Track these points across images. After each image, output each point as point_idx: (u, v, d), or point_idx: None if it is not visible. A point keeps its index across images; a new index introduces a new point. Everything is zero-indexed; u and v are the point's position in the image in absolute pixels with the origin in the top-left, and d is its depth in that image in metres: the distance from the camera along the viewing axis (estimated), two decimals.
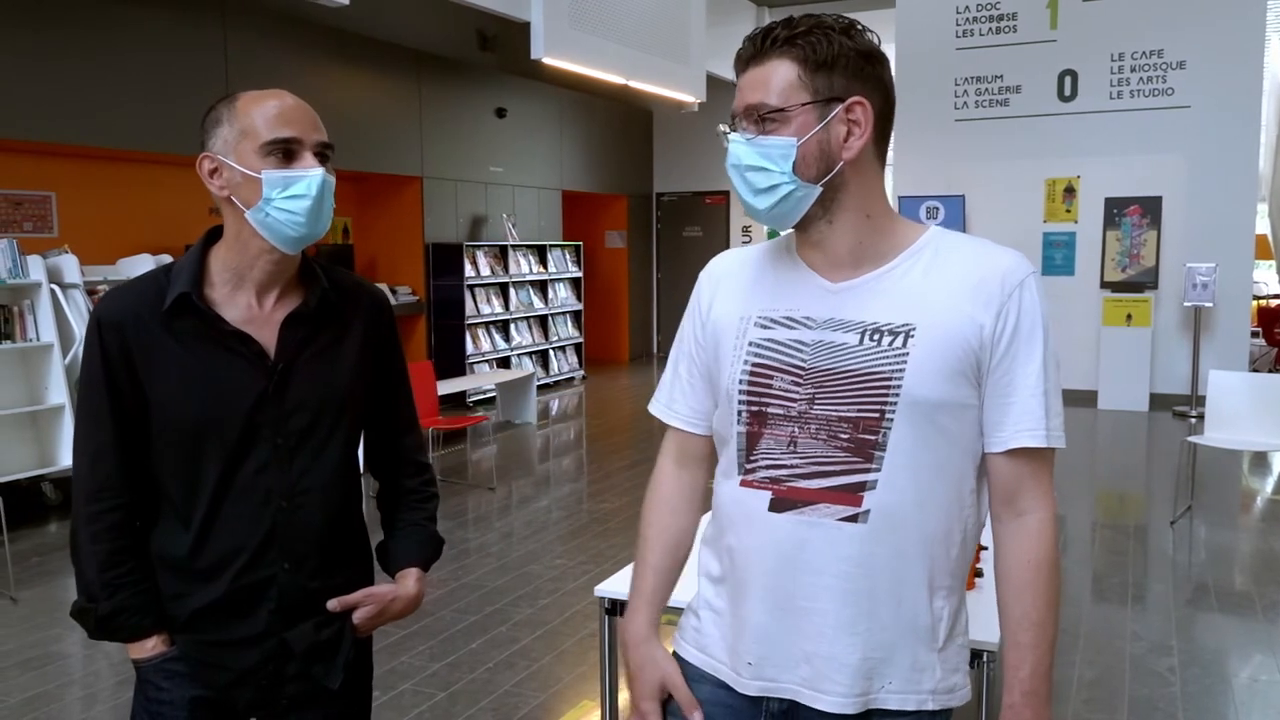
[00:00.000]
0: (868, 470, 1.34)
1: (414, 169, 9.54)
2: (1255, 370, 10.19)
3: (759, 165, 1.34)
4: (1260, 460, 7.49)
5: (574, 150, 12.16)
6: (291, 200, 1.53)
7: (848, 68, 1.33)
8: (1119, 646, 4.03)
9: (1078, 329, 10.06)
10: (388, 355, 1.76)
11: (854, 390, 1.34)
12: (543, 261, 11.26)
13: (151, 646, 1.60)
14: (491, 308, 10.36)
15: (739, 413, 1.41)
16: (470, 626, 4.30)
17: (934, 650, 1.39)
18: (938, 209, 10.40)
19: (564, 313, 11.80)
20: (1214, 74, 9.44)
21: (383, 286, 8.96)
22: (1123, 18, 9.74)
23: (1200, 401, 8.83)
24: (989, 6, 10.27)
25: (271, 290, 1.62)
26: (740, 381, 1.41)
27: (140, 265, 6.38)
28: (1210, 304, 9.33)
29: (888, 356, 1.33)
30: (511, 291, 10.67)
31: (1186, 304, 9.41)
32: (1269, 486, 7.02)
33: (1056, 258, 10.21)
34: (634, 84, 9.38)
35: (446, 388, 7.88)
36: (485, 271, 10.21)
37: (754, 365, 1.41)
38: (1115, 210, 9.80)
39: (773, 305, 1.43)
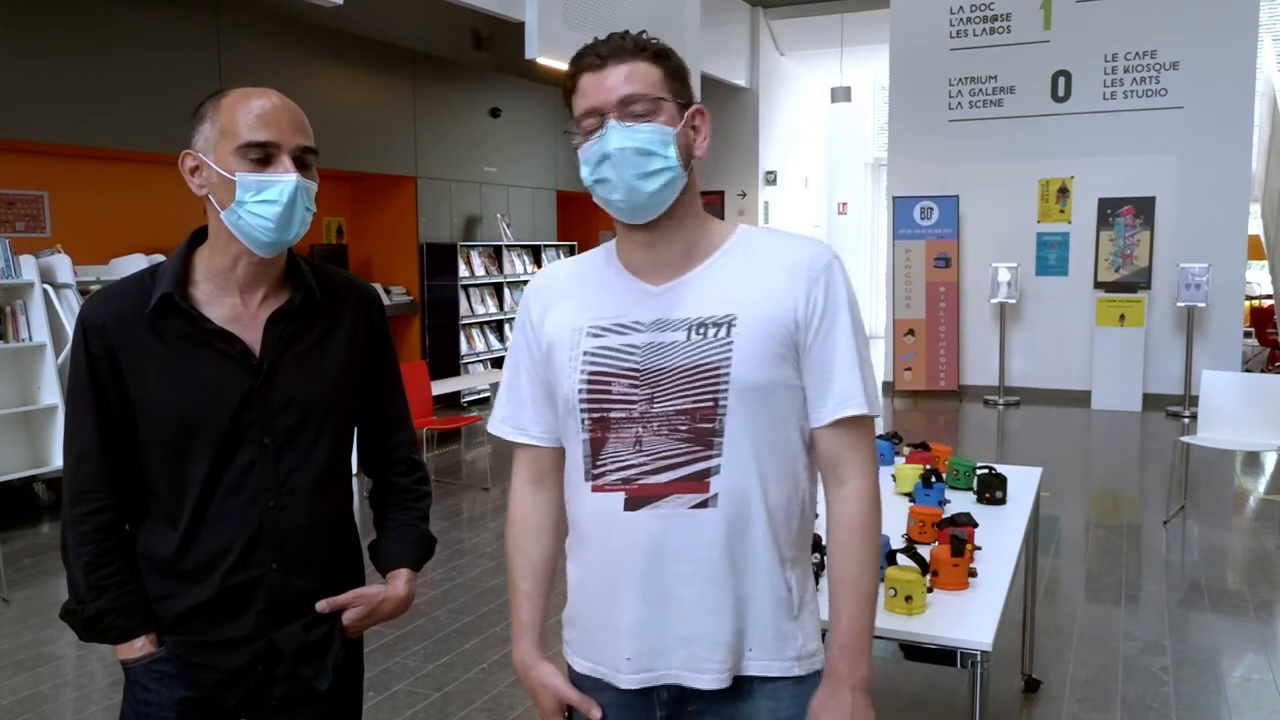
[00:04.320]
0: (710, 457, 1.42)
1: (408, 169, 9.53)
2: (1248, 370, 10.22)
3: (648, 148, 1.41)
4: (1253, 460, 7.51)
5: (568, 150, 12.00)
6: (263, 205, 1.51)
7: (688, 82, 1.48)
8: (1112, 646, 4.04)
9: (1071, 329, 10.09)
10: (378, 351, 1.75)
11: (687, 384, 1.42)
12: (537, 262, 11.25)
13: (139, 647, 1.60)
14: (486, 308, 10.35)
15: (582, 421, 1.47)
16: (464, 627, 4.30)
17: (792, 619, 1.48)
18: (931, 209, 10.42)
19: None
20: (1207, 75, 9.47)
21: (377, 287, 8.94)
22: (1116, 19, 9.77)
23: (1193, 401, 8.85)
24: (983, 7, 10.28)
25: (256, 290, 1.61)
26: (580, 391, 1.46)
27: (133, 265, 6.36)
28: (1203, 304, 9.36)
29: (714, 347, 1.42)
30: (506, 292, 10.66)
31: (1180, 304, 9.44)
32: (1262, 486, 7.04)
33: (1050, 258, 10.23)
34: None
35: (441, 388, 7.87)
36: (480, 272, 10.20)
37: (591, 374, 1.46)
38: (1109, 210, 9.82)
39: (601, 314, 1.48)
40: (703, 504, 1.41)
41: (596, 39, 1.47)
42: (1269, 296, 11.69)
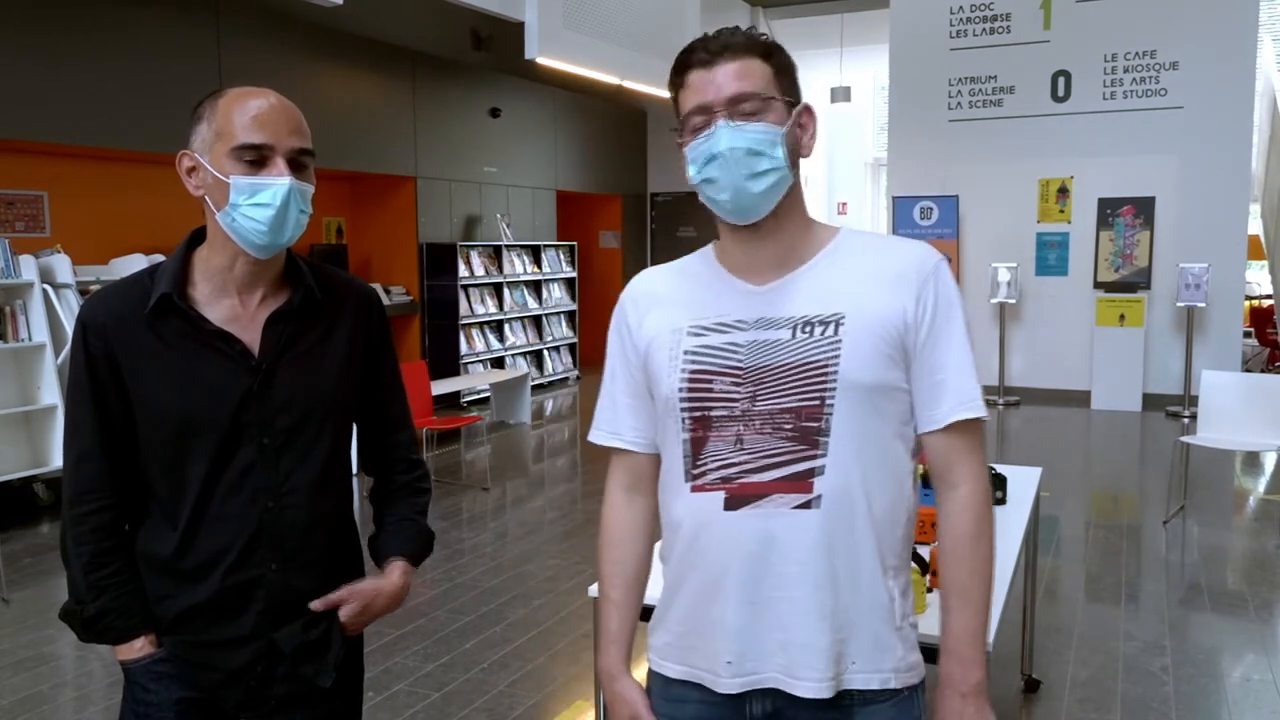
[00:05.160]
0: (814, 456, 1.38)
1: (408, 169, 9.53)
2: (1248, 370, 10.22)
3: (758, 149, 1.39)
4: (1252, 460, 7.51)
5: (568, 150, 12.15)
6: (256, 208, 1.51)
7: (796, 78, 1.45)
8: (1112, 646, 4.04)
9: (1071, 329, 10.08)
10: (378, 352, 1.75)
11: (793, 382, 1.39)
12: (537, 262, 11.25)
13: (139, 648, 1.60)
14: (486, 308, 10.35)
15: (682, 420, 1.45)
16: (464, 627, 4.30)
17: (893, 629, 1.43)
18: (931, 209, 10.41)
19: (558, 313, 11.79)
20: (1207, 75, 9.47)
21: (377, 287, 8.95)
22: (1116, 19, 9.77)
23: (1193, 401, 8.85)
24: (983, 7, 10.28)
25: (255, 290, 1.61)
26: (680, 390, 1.44)
27: (133, 265, 6.36)
28: (1203, 304, 9.36)
29: (821, 345, 1.39)
30: (506, 292, 10.66)
31: (1179, 304, 9.44)
32: (1261, 486, 7.04)
33: (1050, 258, 10.23)
34: (628, 84, 9.39)
35: (440, 388, 7.87)
36: (479, 272, 10.20)
37: (692, 372, 1.44)
38: (1109, 210, 9.82)
39: (702, 314, 1.47)
40: (805, 504, 1.38)
41: (706, 34, 1.43)
42: (1269, 296, 11.69)
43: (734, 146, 1.37)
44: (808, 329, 1.40)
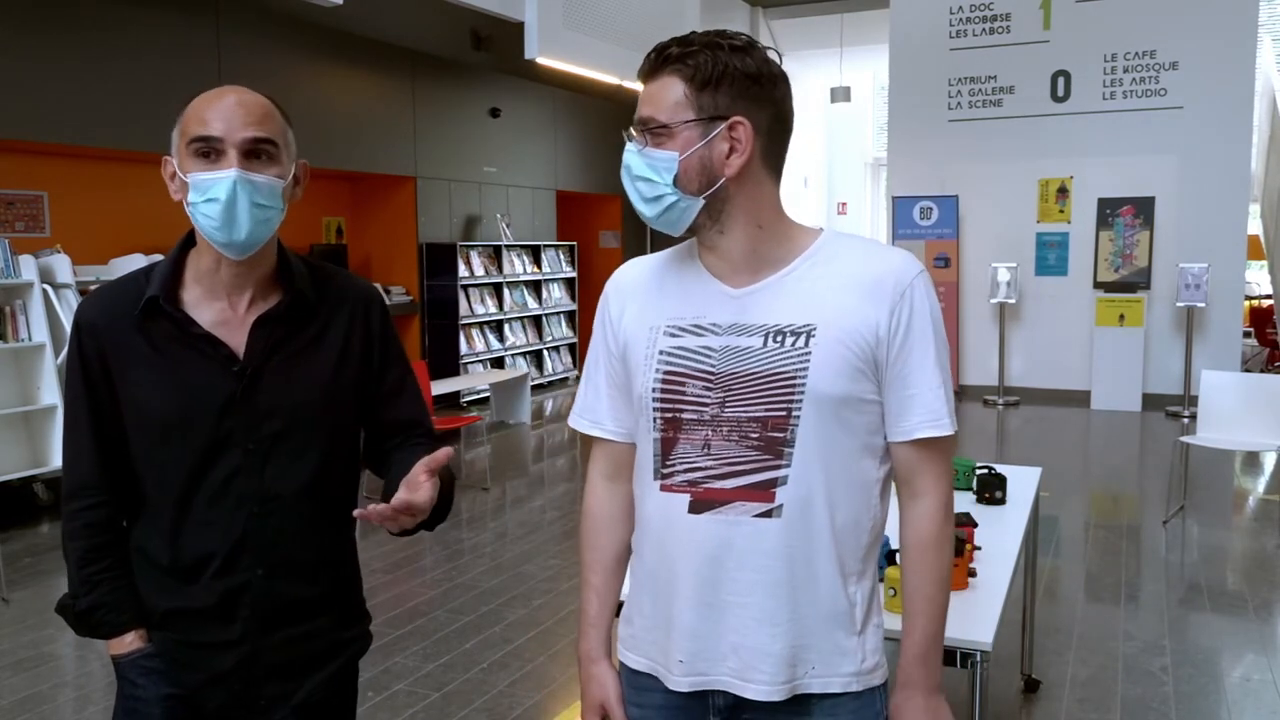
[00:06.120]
0: (778, 467, 1.40)
1: (408, 169, 9.52)
2: (1247, 370, 10.22)
3: (646, 176, 1.41)
4: (1252, 460, 7.51)
5: (568, 150, 12.15)
6: (207, 204, 1.47)
7: (732, 87, 1.38)
8: (1112, 646, 4.04)
9: (1071, 329, 10.09)
10: (381, 352, 1.68)
11: (761, 391, 1.40)
12: (537, 262, 11.25)
13: (129, 643, 1.59)
14: (485, 308, 10.35)
15: (654, 419, 1.46)
16: (464, 627, 4.30)
17: (854, 635, 1.45)
18: (931, 209, 10.42)
19: (558, 313, 11.79)
20: (1206, 75, 9.47)
21: (377, 286, 8.94)
22: (1116, 19, 9.77)
23: (1193, 401, 8.85)
24: (983, 7, 10.29)
25: (243, 292, 1.58)
26: (653, 389, 1.46)
27: (133, 265, 6.33)
28: (1203, 304, 9.37)
29: (791, 356, 1.39)
30: (505, 291, 10.66)
31: (1179, 304, 9.44)
32: (1261, 486, 7.04)
33: (1050, 258, 10.24)
34: (628, 84, 9.38)
35: (440, 388, 7.87)
36: (479, 271, 10.20)
37: (666, 373, 1.45)
38: (1108, 210, 9.82)
39: (680, 313, 1.47)
40: (767, 513, 1.40)
41: (660, 43, 1.44)
42: (1268, 296, 11.69)
43: (627, 169, 1.43)
44: (779, 338, 1.40)
